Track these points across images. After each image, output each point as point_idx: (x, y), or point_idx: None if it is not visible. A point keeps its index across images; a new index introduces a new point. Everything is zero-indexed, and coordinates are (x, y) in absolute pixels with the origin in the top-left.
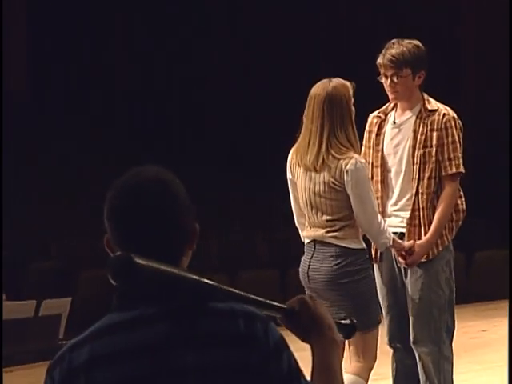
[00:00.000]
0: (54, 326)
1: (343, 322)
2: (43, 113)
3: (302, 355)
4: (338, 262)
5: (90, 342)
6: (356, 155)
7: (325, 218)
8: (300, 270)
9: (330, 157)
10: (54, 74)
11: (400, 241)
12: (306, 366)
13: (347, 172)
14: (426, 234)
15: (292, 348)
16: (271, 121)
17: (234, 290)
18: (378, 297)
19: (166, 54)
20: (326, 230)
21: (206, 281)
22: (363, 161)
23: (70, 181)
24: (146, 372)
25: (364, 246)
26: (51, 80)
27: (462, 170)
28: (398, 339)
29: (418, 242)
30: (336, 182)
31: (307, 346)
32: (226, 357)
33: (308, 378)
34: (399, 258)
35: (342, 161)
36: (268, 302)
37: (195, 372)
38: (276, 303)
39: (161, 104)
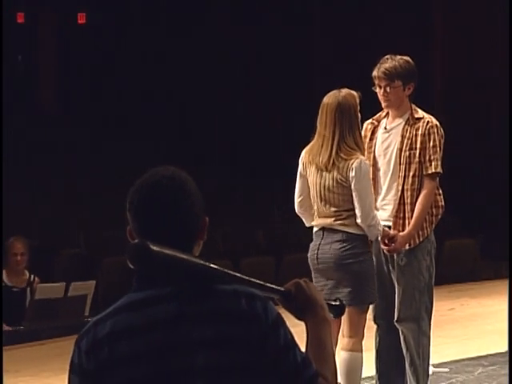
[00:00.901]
0: (80, 305)
1: (333, 303)
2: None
3: (297, 330)
4: (344, 245)
5: (111, 317)
6: (362, 156)
7: (333, 209)
8: (309, 253)
9: (340, 158)
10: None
11: (387, 229)
12: (299, 339)
13: (352, 169)
14: (408, 225)
15: (288, 324)
16: (271, 122)
17: (238, 274)
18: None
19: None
20: (334, 218)
21: (212, 266)
22: (367, 162)
23: (95, 180)
24: (160, 344)
25: (365, 232)
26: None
27: (439, 170)
28: (382, 317)
29: (401, 233)
30: (343, 179)
31: (301, 323)
32: (230, 331)
33: (303, 350)
34: (382, 245)
35: (349, 161)
36: (268, 285)
37: (202, 344)
38: (275, 286)
39: (183, 112)
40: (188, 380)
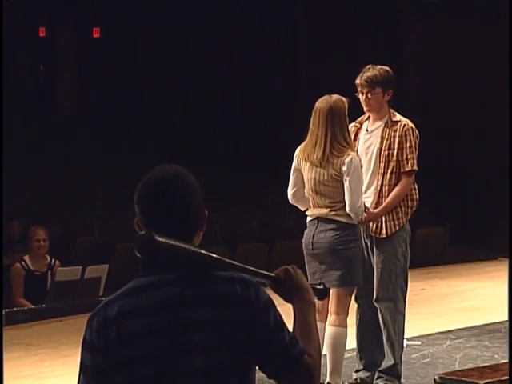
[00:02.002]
0: (95, 286)
1: (318, 287)
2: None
3: (283, 308)
4: (337, 233)
5: (120, 299)
6: (352, 153)
7: (328, 200)
8: (304, 240)
9: (333, 155)
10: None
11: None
12: (287, 317)
13: (344, 164)
14: (385, 216)
15: (277, 303)
16: (270, 120)
17: (233, 262)
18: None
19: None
20: (329, 209)
21: (211, 254)
22: (358, 158)
23: (108, 175)
24: (163, 323)
25: (356, 222)
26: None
27: (415, 167)
28: (363, 297)
29: (371, 210)
30: (337, 173)
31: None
32: (225, 313)
33: (290, 330)
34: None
35: (341, 157)
36: (259, 271)
37: (200, 324)
38: (266, 272)
39: (188, 113)
40: (187, 356)
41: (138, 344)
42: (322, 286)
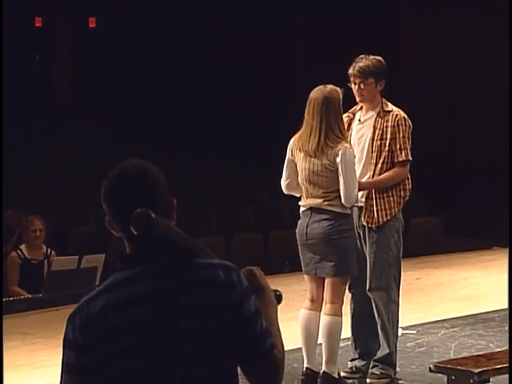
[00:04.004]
0: (91, 276)
1: (276, 293)
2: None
3: None
4: (331, 223)
5: (102, 295)
6: (346, 144)
7: (321, 191)
8: (298, 231)
9: (327, 146)
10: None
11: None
12: None
13: (338, 155)
14: (377, 206)
15: None
16: (258, 117)
17: (209, 251)
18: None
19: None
20: (322, 199)
21: (193, 241)
22: (352, 149)
23: (105, 165)
24: (149, 315)
25: (350, 212)
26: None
27: (410, 157)
28: (356, 286)
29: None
30: (331, 164)
31: None
32: (211, 298)
33: None
34: None
35: (335, 148)
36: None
37: (186, 311)
38: None
39: (187, 108)
40: (175, 344)
41: (125, 337)
42: (278, 293)
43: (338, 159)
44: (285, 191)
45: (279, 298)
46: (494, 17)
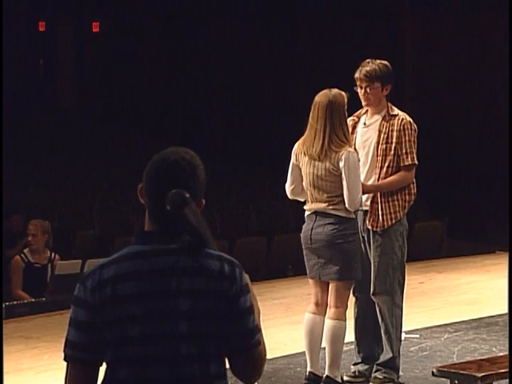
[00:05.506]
0: None
1: None
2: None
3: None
4: (336, 227)
5: (115, 263)
6: (350, 148)
7: (326, 195)
8: (302, 234)
9: (331, 150)
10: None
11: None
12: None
13: (341, 160)
14: (382, 209)
15: None
16: (262, 122)
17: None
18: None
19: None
20: (327, 203)
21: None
22: (356, 153)
23: (108, 169)
24: (156, 289)
25: (354, 216)
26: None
27: (416, 161)
28: (360, 290)
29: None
30: (335, 168)
31: None
32: (213, 285)
33: None
34: None
35: (339, 152)
36: None
37: (190, 293)
38: None
39: (192, 111)
40: (175, 320)
41: (131, 305)
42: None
43: (342, 164)
44: (290, 196)
45: None
46: (495, 18)
